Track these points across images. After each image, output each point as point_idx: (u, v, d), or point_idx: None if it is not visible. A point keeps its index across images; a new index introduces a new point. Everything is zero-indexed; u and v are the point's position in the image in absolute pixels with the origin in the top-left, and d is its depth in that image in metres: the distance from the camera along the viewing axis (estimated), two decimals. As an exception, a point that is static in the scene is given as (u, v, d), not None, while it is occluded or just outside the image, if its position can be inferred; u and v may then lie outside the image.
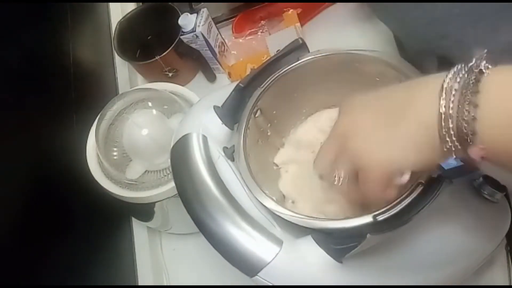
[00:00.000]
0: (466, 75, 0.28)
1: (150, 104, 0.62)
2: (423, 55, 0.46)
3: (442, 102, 0.28)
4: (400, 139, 0.31)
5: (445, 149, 0.28)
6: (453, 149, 0.28)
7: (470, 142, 0.27)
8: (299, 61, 0.45)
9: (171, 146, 0.44)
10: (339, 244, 0.34)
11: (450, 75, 0.28)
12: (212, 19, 0.74)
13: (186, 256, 0.68)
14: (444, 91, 0.28)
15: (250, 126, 0.44)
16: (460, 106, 0.27)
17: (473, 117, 0.26)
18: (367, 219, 0.33)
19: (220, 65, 0.77)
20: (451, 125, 0.27)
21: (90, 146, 0.61)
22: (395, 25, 0.54)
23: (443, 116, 0.28)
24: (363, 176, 0.34)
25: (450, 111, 0.27)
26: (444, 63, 0.40)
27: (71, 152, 0.61)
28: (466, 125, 0.27)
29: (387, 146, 0.32)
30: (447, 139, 0.28)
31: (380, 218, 0.33)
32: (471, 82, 0.27)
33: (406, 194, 0.33)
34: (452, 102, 0.27)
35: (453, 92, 0.27)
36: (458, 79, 0.28)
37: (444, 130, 0.28)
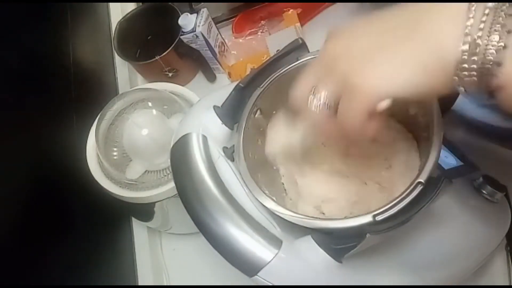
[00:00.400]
0: (497, 3, 0.23)
1: (150, 104, 0.62)
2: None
3: (469, 23, 0.23)
4: (403, 57, 0.27)
5: (455, 78, 0.25)
6: (467, 79, 0.24)
7: (492, 74, 0.24)
8: (299, 61, 0.45)
9: (171, 146, 0.44)
10: (338, 244, 0.34)
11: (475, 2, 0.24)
12: (212, 19, 0.74)
13: (186, 256, 0.68)
14: (472, 12, 0.24)
15: (250, 126, 0.44)
16: (490, 30, 0.23)
17: (504, 45, 0.23)
18: (367, 218, 0.33)
19: (220, 65, 0.77)
20: (476, 51, 0.23)
21: (90, 146, 0.61)
22: None
23: (469, 39, 0.24)
24: (347, 98, 0.29)
25: (478, 35, 0.23)
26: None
27: (71, 152, 0.61)
28: (493, 53, 0.23)
29: (386, 63, 0.27)
30: (465, 66, 0.24)
31: (379, 218, 0.33)
32: (504, 9, 0.23)
33: (406, 193, 0.33)
34: (483, 23, 0.23)
35: (486, 12, 0.23)
36: (488, 5, 0.24)
37: (464, 55, 0.24)
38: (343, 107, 0.29)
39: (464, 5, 0.24)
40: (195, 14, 0.71)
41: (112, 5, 0.90)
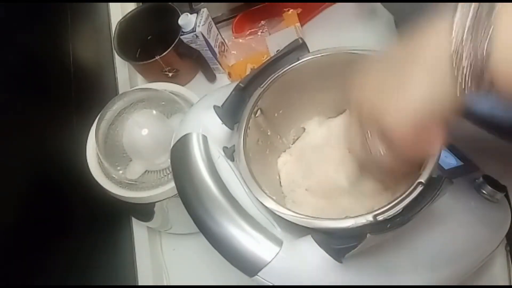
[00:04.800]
0: (477, 8, 0.26)
1: (150, 104, 0.62)
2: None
3: (456, 31, 0.27)
4: (413, 79, 0.30)
5: (455, 75, 0.27)
6: (467, 81, 0.27)
7: (484, 65, 0.26)
8: (299, 61, 0.45)
9: (171, 146, 0.44)
10: (339, 244, 0.34)
11: (457, 13, 0.27)
12: (212, 19, 0.74)
13: (186, 256, 0.68)
14: (455, 22, 0.27)
15: (250, 126, 0.44)
16: (474, 31, 0.26)
17: (488, 38, 0.25)
18: (367, 218, 0.33)
19: (220, 65, 0.77)
20: (465, 51, 0.26)
21: (90, 146, 0.61)
22: (403, 11, 0.53)
23: (456, 40, 0.27)
24: (388, 136, 0.32)
25: (464, 36, 0.26)
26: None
27: (71, 152, 0.61)
28: (480, 50, 0.26)
29: (399, 91, 0.30)
30: (460, 66, 0.27)
31: (380, 217, 0.33)
32: (484, 11, 0.26)
33: (406, 194, 0.33)
34: (466, 28, 0.26)
35: (469, 17, 0.26)
36: (469, 13, 0.26)
37: (455, 55, 0.27)
38: (390, 145, 0.33)
39: (448, 20, 0.27)
40: (195, 14, 0.71)
41: (112, 5, 0.90)
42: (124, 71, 0.83)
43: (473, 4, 0.26)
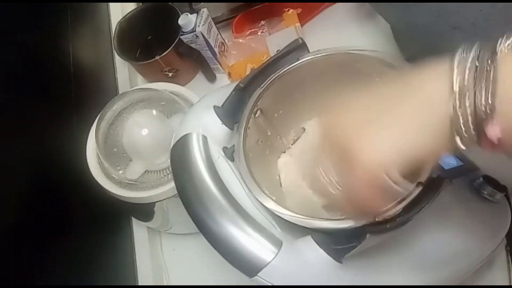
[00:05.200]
0: (478, 53, 0.25)
1: (150, 104, 0.62)
2: (423, 55, 0.46)
3: (456, 78, 0.25)
4: (400, 122, 0.27)
5: (454, 133, 0.25)
6: (465, 133, 0.25)
7: (487, 121, 0.24)
8: (299, 61, 0.45)
9: (171, 146, 0.44)
10: (339, 244, 0.34)
11: (457, 57, 0.26)
12: (212, 19, 0.74)
13: (186, 256, 0.68)
14: (456, 68, 0.25)
15: (250, 126, 0.44)
16: (476, 82, 0.24)
17: (493, 92, 0.24)
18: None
19: (220, 65, 0.77)
20: (467, 103, 0.24)
21: (90, 146, 0.61)
22: (400, 21, 0.54)
23: (457, 93, 0.25)
24: (348, 173, 0.29)
25: (465, 87, 0.24)
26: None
27: (71, 152, 0.61)
28: (484, 102, 0.24)
29: (383, 131, 0.27)
30: (461, 119, 0.25)
31: (380, 218, 0.33)
32: (486, 58, 0.25)
33: (405, 194, 0.33)
34: (467, 77, 0.24)
35: (468, 67, 0.25)
36: (469, 59, 0.25)
37: (458, 109, 0.25)
38: (345, 183, 0.30)
39: (448, 63, 0.26)
40: (195, 14, 0.71)
41: (112, 5, 0.90)
42: (124, 71, 0.83)
43: (472, 51, 0.25)
